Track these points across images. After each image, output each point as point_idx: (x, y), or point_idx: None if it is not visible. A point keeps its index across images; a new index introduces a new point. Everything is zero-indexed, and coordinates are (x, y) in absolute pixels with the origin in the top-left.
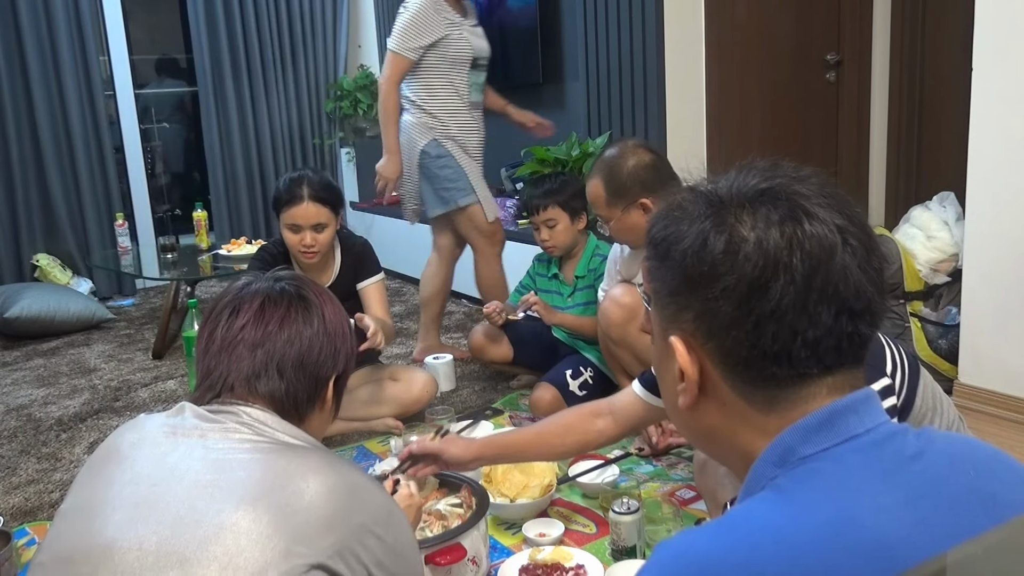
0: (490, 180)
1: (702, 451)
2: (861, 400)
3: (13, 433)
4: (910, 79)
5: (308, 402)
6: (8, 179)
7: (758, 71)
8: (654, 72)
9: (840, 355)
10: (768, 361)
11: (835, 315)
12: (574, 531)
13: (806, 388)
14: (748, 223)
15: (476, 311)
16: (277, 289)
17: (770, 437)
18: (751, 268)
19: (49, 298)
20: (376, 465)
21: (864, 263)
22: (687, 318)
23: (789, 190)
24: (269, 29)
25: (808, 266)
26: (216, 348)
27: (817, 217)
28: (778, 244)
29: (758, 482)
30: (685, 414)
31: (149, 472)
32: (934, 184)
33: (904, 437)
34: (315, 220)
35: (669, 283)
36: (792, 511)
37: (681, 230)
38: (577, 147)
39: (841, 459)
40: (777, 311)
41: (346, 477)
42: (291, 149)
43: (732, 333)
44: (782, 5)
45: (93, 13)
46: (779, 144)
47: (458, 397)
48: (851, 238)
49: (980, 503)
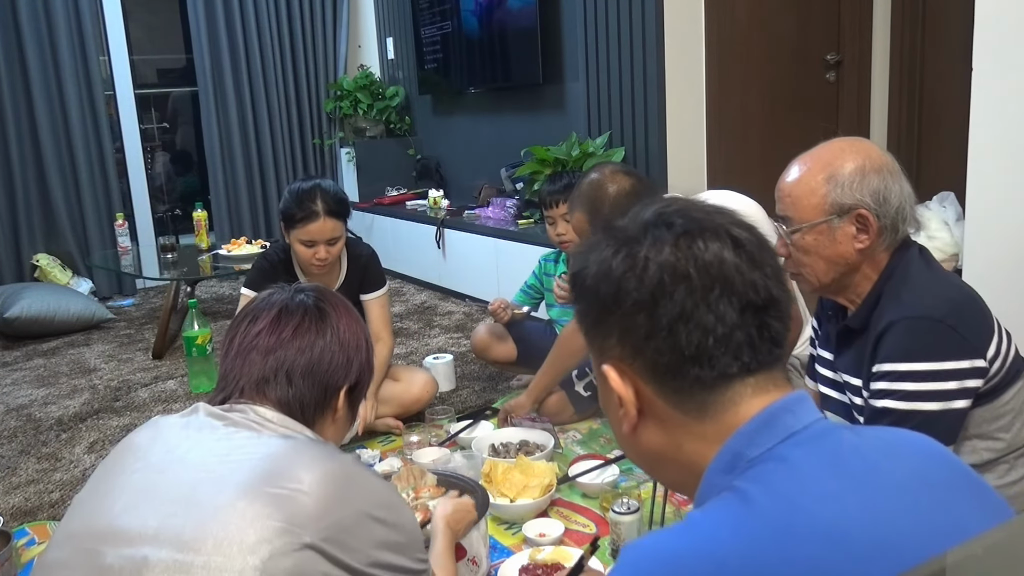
0: (490, 180)
1: (655, 477)
2: (795, 401)
3: (13, 433)
4: (910, 79)
5: (316, 409)
6: (8, 179)
7: (758, 71)
8: (654, 72)
9: (755, 351)
10: (690, 364)
11: (740, 311)
12: (574, 531)
13: (731, 389)
14: (644, 244)
15: (477, 311)
16: (296, 301)
17: (711, 442)
18: (651, 280)
19: (49, 298)
20: (376, 465)
21: (756, 261)
22: (612, 343)
23: (679, 213)
24: (269, 29)
25: (704, 271)
26: (233, 354)
27: (706, 230)
28: (674, 257)
29: (711, 490)
30: (632, 439)
31: (158, 461)
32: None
33: (840, 432)
34: (331, 235)
35: (591, 315)
36: (747, 506)
37: (588, 263)
38: (577, 147)
39: (786, 455)
40: (684, 313)
41: (345, 468)
42: (291, 149)
43: (652, 344)
44: (782, 5)
45: (93, 13)
46: (779, 144)
47: (458, 397)
48: (740, 242)
49: (920, 487)
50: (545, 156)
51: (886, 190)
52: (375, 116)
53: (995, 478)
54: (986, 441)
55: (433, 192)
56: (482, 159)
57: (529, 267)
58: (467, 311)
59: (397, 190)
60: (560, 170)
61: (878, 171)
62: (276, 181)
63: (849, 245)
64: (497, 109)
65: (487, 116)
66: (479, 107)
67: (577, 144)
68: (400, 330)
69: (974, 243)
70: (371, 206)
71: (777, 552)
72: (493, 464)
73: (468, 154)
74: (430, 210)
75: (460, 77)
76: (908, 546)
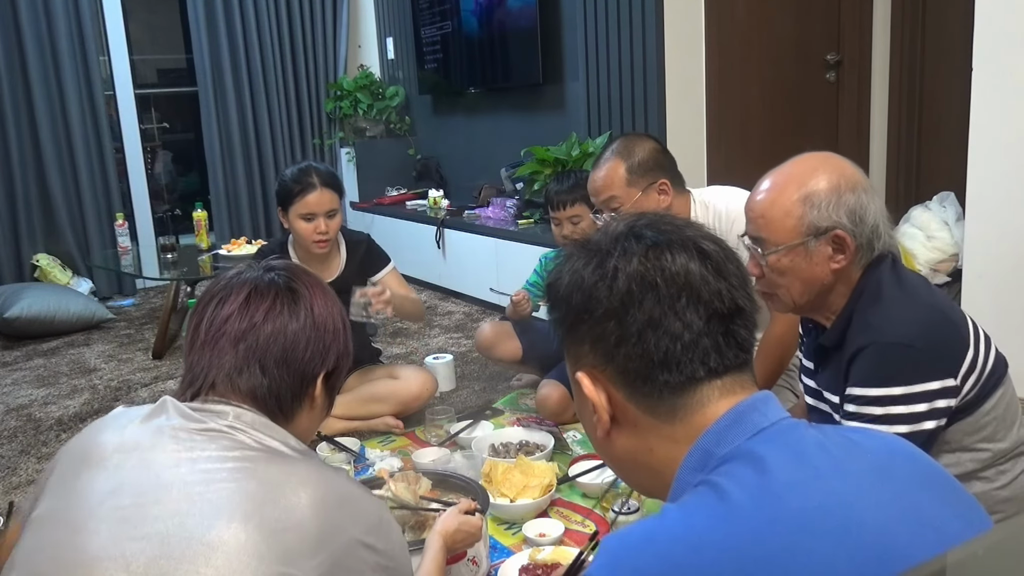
0: (490, 180)
1: (628, 482)
2: (761, 400)
3: (13, 433)
4: (910, 79)
5: (293, 400)
6: (8, 179)
7: (758, 71)
8: (654, 72)
9: (722, 357)
10: (659, 369)
11: (706, 319)
12: (574, 531)
13: (699, 391)
14: (614, 255)
15: (477, 311)
16: (266, 280)
17: (681, 444)
18: (620, 289)
19: (49, 298)
20: (376, 465)
21: (722, 272)
22: (585, 351)
23: (650, 226)
24: (269, 29)
25: (671, 281)
26: (200, 342)
27: (674, 243)
28: (643, 268)
29: (684, 487)
30: (605, 443)
31: (134, 481)
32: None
33: (805, 429)
34: (328, 207)
35: (564, 324)
36: (719, 497)
37: (562, 274)
38: (577, 147)
39: (754, 449)
40: (652, 321)
41: (336, 489)
42: (291, 149)
43: (622, 350)
44: (782, 5)
45: (93, 13)
46: (779, 144)
47: (458, 397)
48: (707, 253)
49: (881, 479)
50: (545, 156)
51: (862, 209)
52: (375, 116)
53: (983, 484)
54: (970, 453)
55: (433, 192)
56: (482, 159)
57: (529, 267)
58: (467, 311)
59: (397, 190)
60: (561, 170)
61: (852, 189)
62: (276, 181)
63: (825, 266)
64: (497, 109)
65: (487, 116)
66: (479, 107)
67: (577, 144)
68: (400, 330)
69: (974, 243)
70: (371, 206)
71: (750, 535)
72: (493, 464)
73: (468, 154)
74: (430, 210)
75: (460, 77)
76: (869, 531)
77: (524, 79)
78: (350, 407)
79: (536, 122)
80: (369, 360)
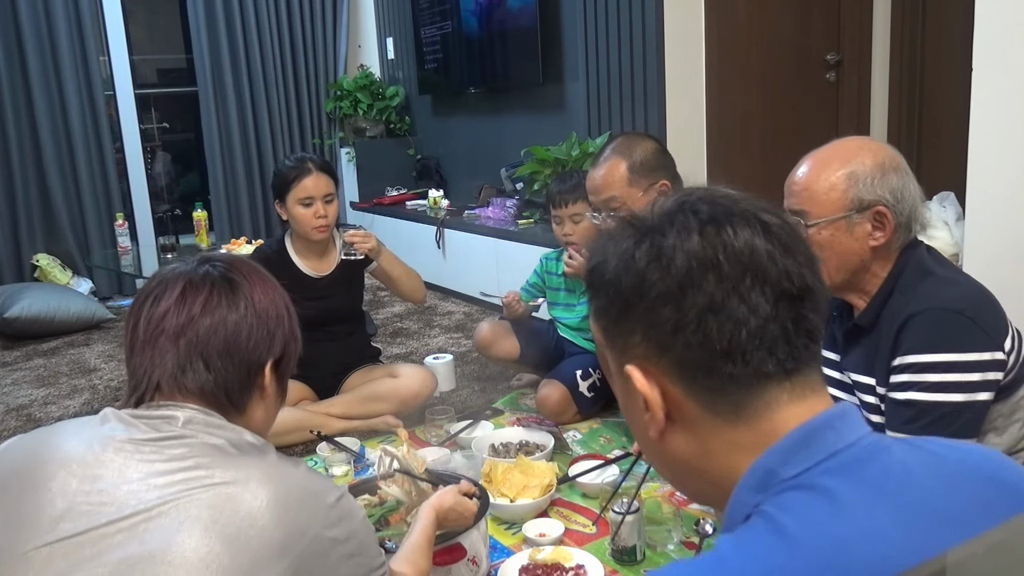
0: (490, 180)
1: (680, 488)
2: (837, 416)
3: (13, 433)
4: (910, 79)
5: (242, 392)
6: (8, 179)
7: (758, 71)
8: (654, 72)
9: (791, 347)
10: (722, 359)
11: (774, 302)
12: (574, 531)
13: (767, 391)
14: (669, 233)
15: (477, 311)
16: (201, 272)
17: (744, 452)
18: (678, 269)
19: (49, 298)
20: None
21: (789, 248)
22: (636, 342)
23: (704, 200)
24: (269, 29)
25: (734, 259)
26: (140, 343)
27: (734, 216)
28: (701, 246)
29: (740, 510)
30: (658, 446)
31: (81, 503)
32: (934, 184)
33: (889, 453)
34: (325, 191)
35: (611, 313)
36: (781, 539)
37: (608, 256)
38: (577, 147)
39: (824, 482)
40: (714, 304)
41: (295, 485)
42: (291, 149)
43: (680, 338)
44: (782, 5)
45: (93, 13)
46: (779, 144)
47: (458, 397)
48: (770, 227)
49: (979, 519)
50: (545, 156)
51: (903, 188)
52: (375, 116)
53: None
54: (1001, 436)
55: (433, 192)
56: (482, 159)
57: (529, 267)
58: (467, 311)
59: (397, 190)
60: (561, 170)
61: (895, 169)
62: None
63: (864, 242)
64: (497, 109)
65: (487, 116)
66: (479, 107)
67: (577, 144)
68: (400, 330)
69: (974, 243)
70: (371, 206)
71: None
72: (493, 464)
73: (468, 154)
74: (430, 210)
75: (460, 77)
76: None
77: (524, 79)
78: (350, 407)
79: (536, 122)
80: (370, 360)
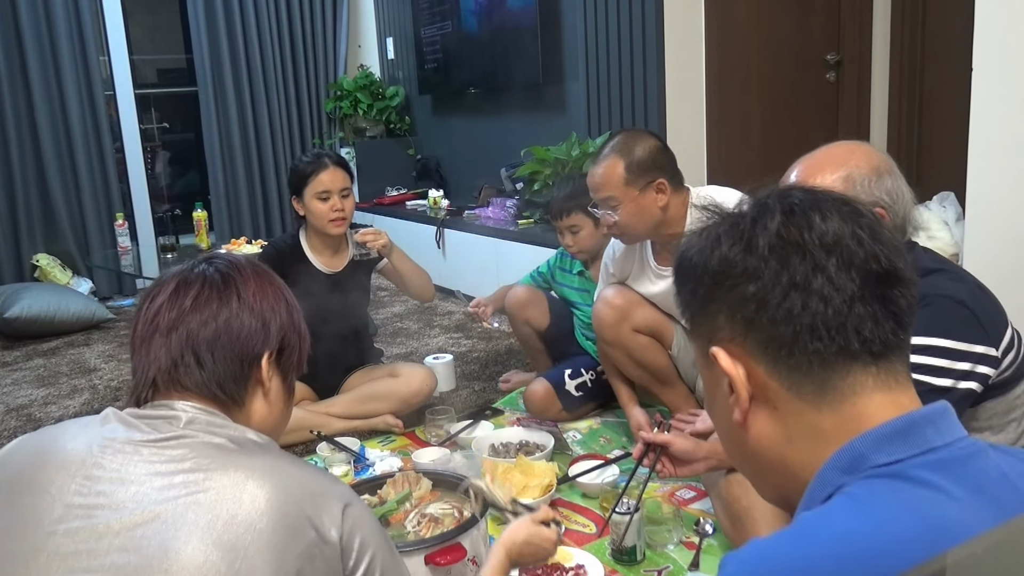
0: (490, 180)
1: (757, 484)
2: (939, 412)
3: (13, 433)
4: (910, 79)
5: (237, 384)
6: (8, 179)
7: (758, 71)
8: (654, 72)
9: (878, 327)
10: (807, 335)
11: (860, 282)
12: (574, 531)
13: (851, 374)
14: (755, 219)
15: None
16: (195, 271)
17: (827, 440)
18: (761, 246)
19: (49, 298)
20: (377, 465)
21: (878, 234)
22: (721, 323)
23: (793, 190)
24: (269, 29)
25: (820, 241)
26: (138, 343)
27: (822, 203)
28: (785, 227)
29: (823, 488)
30: (740, 431)
31: (79, 506)
32: (934, 184)
33: (986, 456)
34: (342, 184)
35: (698, 296)
36: (875, 521)
37: (693, 243)
38: (577, 147)
39: (920, 474)
40: (798, 281)
41: (299, 485)
42: (291, 149)
43: (765, 315)
44: (782, 5)
45: (93, 13)
46: (779, 144)
47: (458, 397)
48: (860, 214)
49: None
50: (545, 156)
51: (897, 190)
52: (375, 116)
53: None
54: (1000, 434)
55: (433, 192)
56: (482, 159)
57: (529, 267)
58: (467, 311)
59: (397, 190)
60: (561, 171)
61: (889, 172)
62: (276, 181)
63: None
64: (497, 109)
65: (487, 116)
66: (479, 107)
67: (577, 144)
68: (400, 330)
69: (974, 243)
70: (371, 206)
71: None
72: (493, 464)
73: (468, 154)
74: (430, 210)
75: (460, 77)
76: None
77: (524, 79)
78: (350, 406)
79: (536, 122)
80: (372, 360)
